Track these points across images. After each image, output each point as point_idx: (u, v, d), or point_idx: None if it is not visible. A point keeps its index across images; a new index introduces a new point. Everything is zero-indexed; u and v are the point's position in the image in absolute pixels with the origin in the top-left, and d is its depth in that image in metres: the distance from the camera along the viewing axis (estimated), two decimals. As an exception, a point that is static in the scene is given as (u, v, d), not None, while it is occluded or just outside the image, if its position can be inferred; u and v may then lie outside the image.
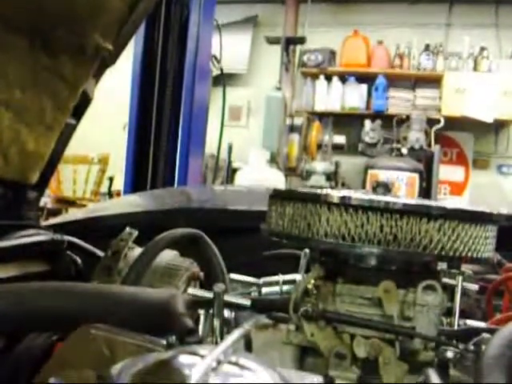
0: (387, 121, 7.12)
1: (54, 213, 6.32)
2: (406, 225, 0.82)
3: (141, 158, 3.76)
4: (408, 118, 6.93)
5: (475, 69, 6.99)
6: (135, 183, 3.76)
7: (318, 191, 0.87)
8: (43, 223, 1.53)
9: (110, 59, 1.37)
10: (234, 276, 1.17)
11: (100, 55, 1.31)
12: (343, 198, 0.84)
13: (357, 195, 0.85)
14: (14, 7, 1.07)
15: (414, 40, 7.19)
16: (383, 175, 6.42)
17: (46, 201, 6.53)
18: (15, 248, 1.21)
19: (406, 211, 0.83)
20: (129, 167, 3.82)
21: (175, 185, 3.74)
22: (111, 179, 7.12)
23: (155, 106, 3.73)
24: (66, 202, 7.23)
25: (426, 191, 6.59)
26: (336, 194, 0.85)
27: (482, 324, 0.93)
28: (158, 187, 3.67)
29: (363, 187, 6.55)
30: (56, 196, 7.17)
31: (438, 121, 6.79)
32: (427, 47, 7.18)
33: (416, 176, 6.57)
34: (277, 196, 0.94)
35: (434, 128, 6.81)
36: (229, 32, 5.83)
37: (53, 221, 1.72)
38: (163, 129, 3.75)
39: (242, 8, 7.91)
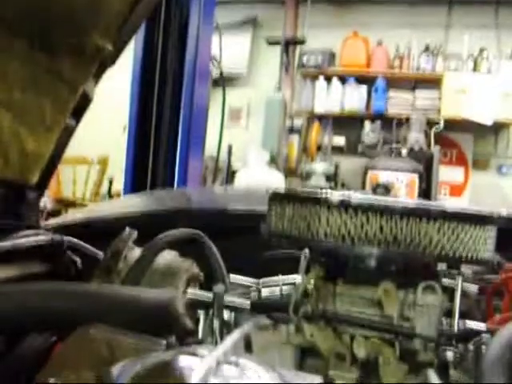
0: (387, 122, 7.13)
1: (54, 214, 6.32)
2: (406, 226, 0.82)
3: (141, 159, 3.76)
4: (408, 119, 6.94)
5: (475, 70, 6.99)
6: (135, 184, 3.76)
7: (318, 192, 0.87)
8: (43, 224, 1.53)
9: (109, 60, 1.37)
10: (233, 277, 1.17)
11: (100, 56, 1.31)
12: (343, 199, 0.84)
13: (356, 196, 0.85)
14: (12, 8, 1.07)
15: (413, 41, 7.19)
16: (383, 176, 6.42)
17: (46, 202, 6.53)
18: (15, 249, 1.21)
19: (406, 212, 0.83)
20: (129, 168, 3.82)
21: (175, 186, 3.74)
22: (111, 181, 7.11)
23: (155, 106, 3.73)
24: (66, 203, 7.23)
25: (425, 192, 6.59)
26: (336, 195, 0.85)
27: (481, 325, 0.93)
28: (158, 188, 3.67)
29: (363, 188, 6.55)
30: (56, 197, 7.17)
31: (438, 122, 6.80)
32: (427, 48, 7.19)
33: (416, 177, 6.57)
34: (276, 197, 0.94)
35: (434, 129, 6.81)
36: (228, 33, 5.83)
37: (52, 221, 1.72)
38: (163, 130, 3.75)
39: (241, 9, 7.91)
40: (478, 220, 0.86)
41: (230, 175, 6.97)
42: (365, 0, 7.64)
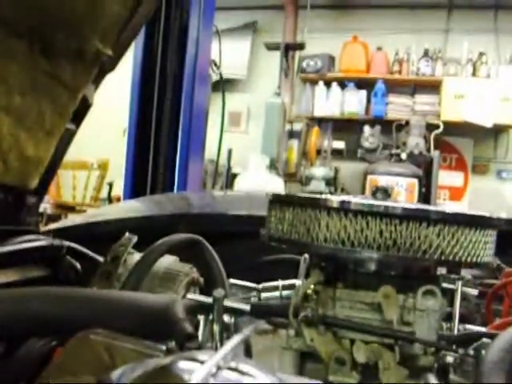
0: (386, 126, 7.13)
1: (54, 218, 6.32)
2: (406, 230, 0.82)
3: (140, 163, 3.76)
4: (407, 123, 6.94)
5: (474, 74, 7.00)
6: (135, 189, 3.75)
7: (318, 196, 0.87)
8: (43, 228, 1.53)
9: (109, 64, 1.37)
10: (233, 281, 1.17)
11: (100, 60, 1.31)
12: (343, 202, 0.84)
13: (356, 200, 0.85)
14: (13, 11, 1.07)
15: (412, 46, 7.21)
16: (382, 181, 6.42)
17: (46, 206, 6.53)
18: (15, 253, 1.21)
19: (406, 216, 0.82)
20: (128, 173, 3.82)
21: (175, 190, 3.74)
22: (110, 185, 7.12)
23: (155, 111, 3.74)
24: (66, 208, 7.23)
25: (425, 197, 6.60)
26: (335, 199, 0.85)
27: (481, 329, 0.93)
28: (158, 193, 3.67)
29: (362, 193, 6.55)
30: (55, 202, 7.17)
31: (438, 126, 6.80)
32: (426, 53, 7.20)
33: (415, 181, 6.57)
34: (276, 201, 0.94)
35: (434, 133, 6.81)
36: (228, 38, 5.84)
37: (52, 226, 1.72)
38: (163, 134, 3.75)
39: (241, 14, 7.93)
40: (478, 224, 0.86)
41: (230, 179, 6.97)
42: (364, 5, 7.66)
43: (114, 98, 5.16)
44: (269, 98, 6.91)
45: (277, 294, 1.12)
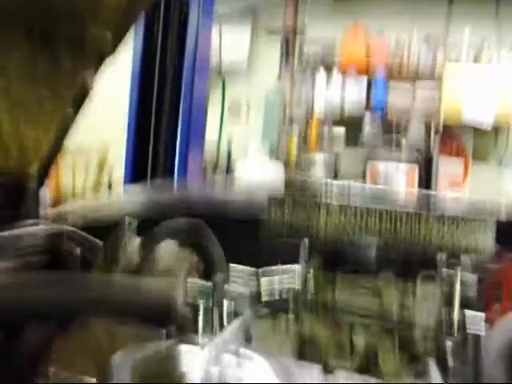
0: (387, 113, 7.11)
1: (54, 205, 6.30)
2: (406, 216, 0.83)
3: (140, 153, 3.76)
4: (408, 109, 6.92)
5: (475, 61, 6.97)
6: (135, 179, 3.75)
7: (319, 183, 0.87)
8: (42, 214, 1.53)
9: (109, 50, 1.37)
10: (233, 266, 1.17)
11: (99, 46, 1.30)
12: (343, 189, 0.85)
13: (356, 187, 0.85)
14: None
15: (414, 32, 7.17)
16: (383, 167, 6.41)
17: (45, 195, 6.51)
18: (14, 238, 1.21)
19: (406, 203, 0.83)
20: (128, 163, 3.82)
21: (175, 178, 3.74)
22: (110, 177, 7.10)
23: (155, 101, 3.73)
24: (66, 196, 7.21)
25: (425, 184, 6.59)
26: (336, 186, 0.86)
27: (481, 314, 0.93)
28: (158, 180, 3.67)
29: (363, 179, 6.55)
30: (55, 189, 7.15)
31: (438, 112, 6.78)
32: (427, 38, 7.17)
33: (416, 167, 6.57)
34: (277, 188, 0.94)
35: (434, 120, 6.79)
36: (228, 23, 5.80)
37: (52, 211, 1.72)
38: (163, 124, 3.75)
39: (241, 1, 7.87)
40: (477, 211, 0.87)
41: (230, 167, 6.96)
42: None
43: (113, 89, 5.13)
44: (269, 85, 6.89)
45: (276, 277, 1.13)
